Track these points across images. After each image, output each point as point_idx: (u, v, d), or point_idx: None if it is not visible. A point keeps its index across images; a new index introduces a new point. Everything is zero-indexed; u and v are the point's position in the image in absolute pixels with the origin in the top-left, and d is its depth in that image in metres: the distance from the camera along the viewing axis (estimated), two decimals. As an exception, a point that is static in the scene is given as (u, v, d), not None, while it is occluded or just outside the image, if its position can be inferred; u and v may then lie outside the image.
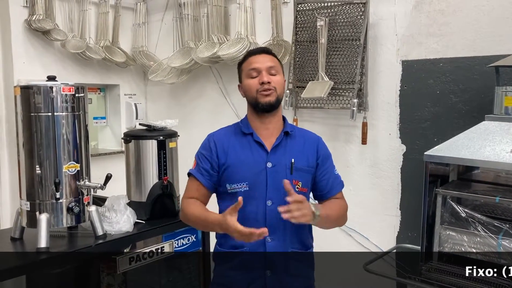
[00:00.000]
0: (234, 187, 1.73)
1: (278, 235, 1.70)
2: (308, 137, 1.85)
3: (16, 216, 2.10)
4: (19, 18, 3.32)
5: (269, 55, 1.79)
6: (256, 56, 1.77)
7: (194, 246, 2.45)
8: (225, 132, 1.84)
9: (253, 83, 1.73)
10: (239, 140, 1.78)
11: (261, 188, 1.71)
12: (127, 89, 4.09)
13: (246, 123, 1.80)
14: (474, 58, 2.49)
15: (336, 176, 1.86)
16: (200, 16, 3.62)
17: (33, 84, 1.98)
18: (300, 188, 1.74)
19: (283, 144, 1.76)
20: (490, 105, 2.25)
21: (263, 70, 1.73)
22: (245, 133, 1.77)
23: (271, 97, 1.72)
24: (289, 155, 1.75)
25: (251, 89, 1.74)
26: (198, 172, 1.79)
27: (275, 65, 1.76)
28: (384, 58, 2.81)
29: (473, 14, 2.49)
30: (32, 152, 1.98)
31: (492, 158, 2.01)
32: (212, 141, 1.80)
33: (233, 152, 1.76)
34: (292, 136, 1.80)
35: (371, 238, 2.91)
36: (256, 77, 1.73)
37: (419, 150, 2.61)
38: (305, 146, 1.80)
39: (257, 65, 1.74)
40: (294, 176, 1.73)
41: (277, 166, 1.73)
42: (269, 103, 1.72)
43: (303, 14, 3.01)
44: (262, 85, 1.71)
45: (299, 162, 1.75)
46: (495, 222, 2.08)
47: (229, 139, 1.79)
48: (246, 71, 1.77)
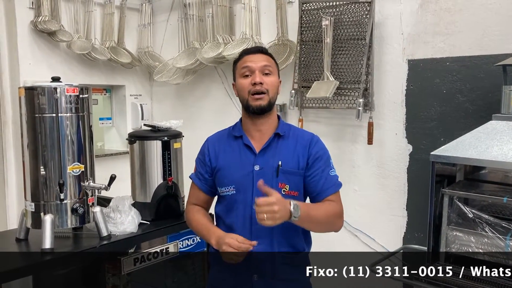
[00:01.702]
0: (223, 191, 1.71)
1: (265, 239, 1.64)
2: (301, 137, 1.75)
3: (21, 217, 2.11)
4: (25, 19, 3.34)
5: (265, 55, 1.73)
6: (251, 55, 1.72)
7: (199, 247, 2.45)
8: (219, 135, 1.81)
9: (245, 83, 1.68)
10: (230, 143, 1.75)
11: (248, 191, 1.66)
12: (132, 89, 4.10)
13: (238, 126, 1.77)
14: (481, 57, 2.47)
15: (330, 178, 1.72)
16: (205, 16, 3.61)
17: (37, 85, 1.99)
18: (288, 192, 1.67)
19: (273, 146, 1.71)
20: (498, 104, 2.22)
21: (257, 69, 1.67)
22: (236, 136, 1.74)
23: (262, 101, 1.66)
24: (277, 158, 1.68)
25: (243, 89, 1.69)
26: (196, 178, 1.80)
27: (269, 64, 1.70)
28: (390, 57, 2.79)
29: (480, 13, 2.46)
30: (36, 153, 1.99)
31: (499, 158, 1.99)
32: (206, 145, 1.79)
33: (223, 155, 1.74)
34: (284, 137, 1.72)
35: (377, 238, 2.89)
36: (249, 77, 1.68)
37: (426, 150, 2.59)
38: (296, 147, 1.72)
39: (250, 64, 1.68)
40: (280, 179, 1.67)
41: (265, 169, 1.67)
42: (260, 107, 1.66)
43: (308, 14, 3.00)
44: (254, 86, 1.65)
45: (287, 164, 1.68)
46: (502, 223, 2.05)
47: (220, 142, 1.77)
48: (239, 70, 1.72)
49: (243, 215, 1.67)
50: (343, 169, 2.92)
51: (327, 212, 1.66)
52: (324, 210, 1.66)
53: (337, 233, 1.78)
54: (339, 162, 2.85)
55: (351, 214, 2.92)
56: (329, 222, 1.69)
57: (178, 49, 3.74)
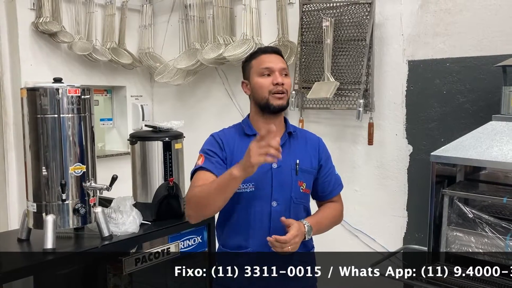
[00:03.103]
0: (241, 188, 1.68)
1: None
2: (309, 138, 1.84)
3: (22, 218, 2.11)
4: (26, 20, 3.34)
5: (281, 57, 1.77)
6: (269, 55, 1.74)
7: (200, 247, 2.45)
8: (228, 132, 1.80)
9: (266, 82, 1.69)
10: (244, 141, 1.73)
11: (267, 188, 1.70)
12: (133, 90, 4.11)
13: (248, 124, 1.77)
14: (481, 58, 2.48)
15: (337, 177, 1.86)
16: (205, 17, 3.62)
17: (39, 86, 1.99)
18: (304, 190, 1.74)
19: (287, 145, 1.74)
20: (498, 105, 2.23)
21: (277, 71, 1.70)
22: (249, 134, 1.74)
23: (283, 101, 1.70)
24: (293, 156, 1.74)
25: (262, 88, 1.70)
26: (212, 164, 1.69)
27: (286, 67, 1.74)
28: (390, 58, 2.80)
29: (480, 14, 2.47)
30: (38, 153, 1.99)
31: (499, 158, 1.99)
32: (218, 138, 1.76)
33: (239, 152, 1.70)
34: (294, 136, 1.79)
35: (378, 239, 2.90)
36: (269, 77, 1.70)
37: (426, 150, 2.60)
38: (307, 147, 1.79)
39: (271, 64, 1.71)
40: (299, 177, 1.73)
41: (283, 167, 1.71)
42: (281, 106, 1.70)
43: (308, 15, 3.01)
44: (276, 86, 1.68)
45: (303, 163, 1.75)
46: (502, 223, 2.06)
47: (234, 139, 1.76)
48: (257, 69, 1.72)
49: (261, 211, 1.69)
50: (344, 169, 2.93)
51: (333, 217, 1.82)
52: (331, 216, 1.82)
53: (337, 233, 1.83)
54: (339, 162, 2.85)
55: (352, 214, 2.93)
56: (333, 224, 1.83)
57: (179, 50, 3.75)
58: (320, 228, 1.73)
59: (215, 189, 1.57)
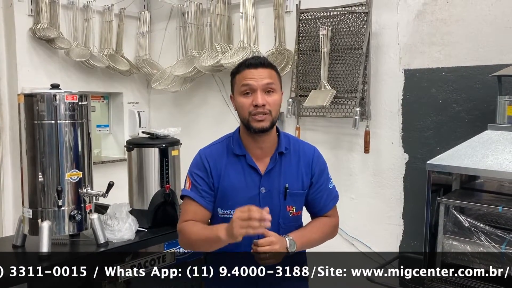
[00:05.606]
0: (226, 213, 1.63)
1: None
2: (303, 153, 1.70)
3: (18, 224, 2.11)
4: (24, 26, 3.35)
5: (267, 69, 1.60)
6: (252, 70, 1.58)
7: (195, 255, 2.44)
8: (216, 150, 1.69)
9: (246, 103, 1.56)
10: (232, 162, 1.65)
11: None
12: (130, 97, 4.11)
13: (238, 142, 1.66)
14: (476, 67, 2.49)
15: (329, 192, 1.74)
16: (203, 25, 3.64)
17: (36, 92, 2.00)
18: (294, 213, 1.67)
19: (277, 166, 1.65)
20: (493, 114, 2.24)
21: (258, 89, 1.55)
22: (238, 155, 1.65)
23: (264, 123, 1.56)
24: (283, 178, 1.64)
25: (243, 108, 1.57)
26: (198, 195, 1.64)
27: (272, 81, 1.58)
28: (387, 67, 2.81)
29: (476, 24, 2.50)
30: (35, 159, 1.99)
31: (495, 167, 2.00)
32: (205, 159, 1.66)
33: (227, 176, 1.64)
34: (286, 155, 1.67)
35: (374, 247, 2.90)
36: (250, 96, 1.56)
37: (422, 159, 2.61)
38: (299, 165, 1.68)
39: (252, 82, 1.55)
40: (288, 201, 1.65)
41: (271, 191, 1.63)
42: (262, 128, 1.57)
43: (305, 23, 3.02)
44: (256, 107, 1.54)
45: (293, 186, 1.65)
46: (498, 232, 2.06)
47: (221, 160, 1.66)
48: (239, 86, 1.59)
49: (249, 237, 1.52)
50: (340, 177, 2.93)
51: (322, 233, 1.71)
52: (320, 232, 1.71)
53: (333, 241, 1.80)
54: (335, 170, 2.86)
55: (348, 222, 2.93)
56: (325, 239, 1.73)
57: (176, 57, 3.76)
58: (305, 241, 1.62)
59: (203, 241, 1.58)
